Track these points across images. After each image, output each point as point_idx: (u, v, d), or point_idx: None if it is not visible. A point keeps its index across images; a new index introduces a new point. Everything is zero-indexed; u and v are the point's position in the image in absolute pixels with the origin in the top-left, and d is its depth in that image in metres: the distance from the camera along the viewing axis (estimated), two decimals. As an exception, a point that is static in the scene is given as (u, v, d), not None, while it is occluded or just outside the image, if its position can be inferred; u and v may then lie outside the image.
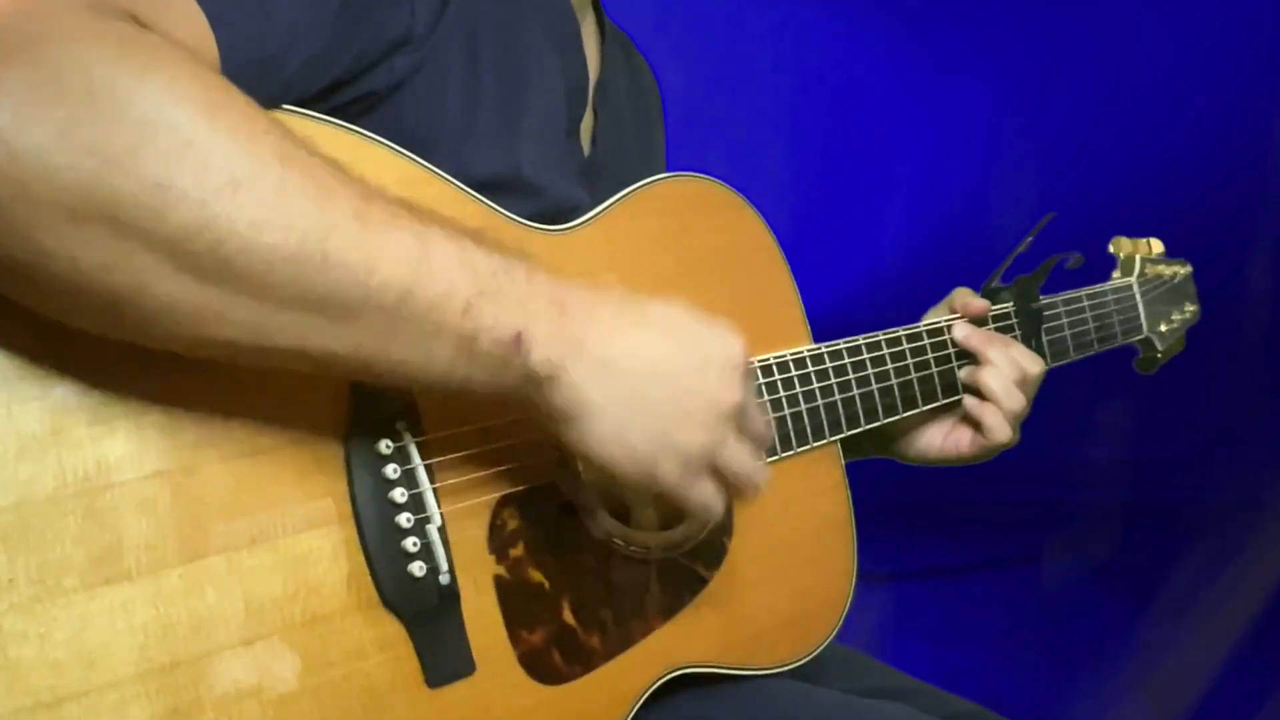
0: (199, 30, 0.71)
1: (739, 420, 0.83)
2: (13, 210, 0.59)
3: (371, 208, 0.67)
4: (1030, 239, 1.29)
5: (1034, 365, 1.21)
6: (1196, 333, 1.57)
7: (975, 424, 1.21)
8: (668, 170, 1.10)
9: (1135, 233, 1.54)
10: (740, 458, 0.84)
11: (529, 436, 0.88)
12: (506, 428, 0.86)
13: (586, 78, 1.06)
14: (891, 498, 2.98)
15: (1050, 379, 1.29)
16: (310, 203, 0.65)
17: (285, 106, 0.78)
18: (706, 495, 0.83)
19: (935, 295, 1.29)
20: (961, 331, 1.20)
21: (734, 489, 0.85)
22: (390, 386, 0.77)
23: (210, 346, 0.67)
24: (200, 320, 0.64)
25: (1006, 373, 1.19)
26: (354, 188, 0.67)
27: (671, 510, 0.89)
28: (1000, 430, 1.19)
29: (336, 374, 0.73)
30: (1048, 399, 1.29)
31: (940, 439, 1.23)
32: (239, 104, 0.64)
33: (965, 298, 1.24)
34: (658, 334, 0.80)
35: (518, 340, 0.72)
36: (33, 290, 0.63)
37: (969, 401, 1.20)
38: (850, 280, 3.74)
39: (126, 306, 0.63)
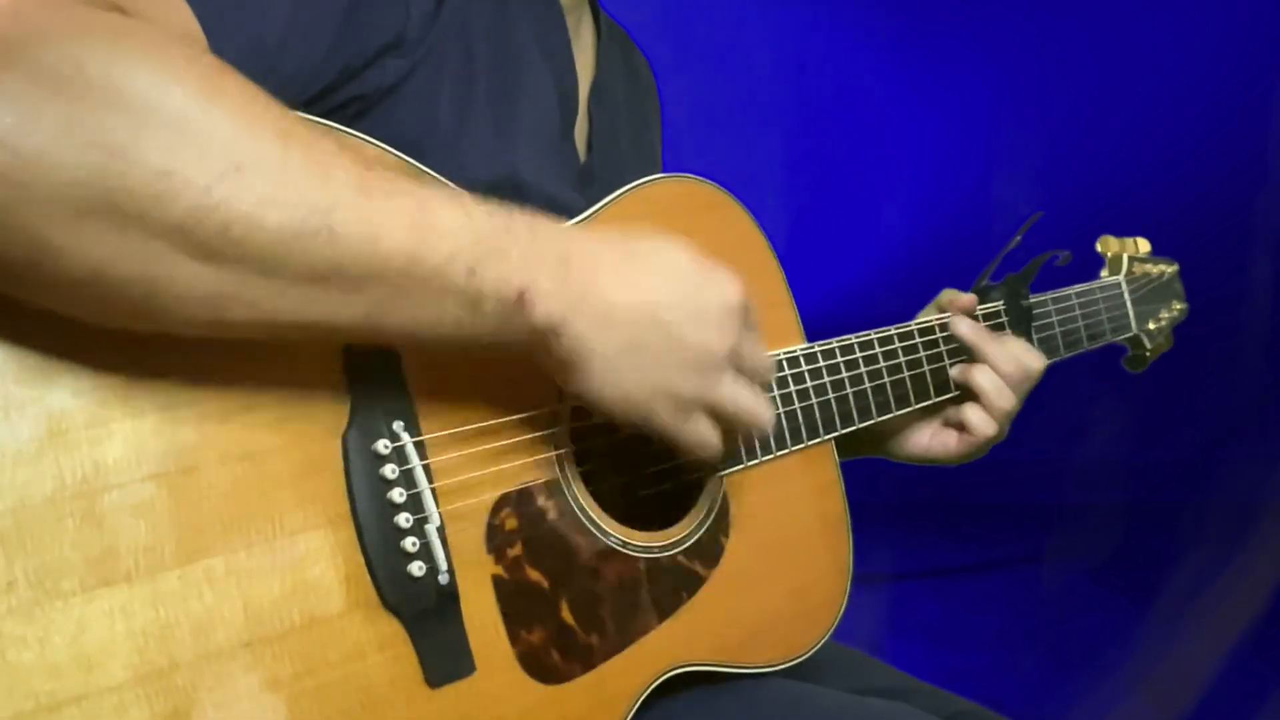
0: (192, 34, 0.71)
1: (735, 362, 0.86)
2: (20, 211, 0.59)
3: (372, 176, 0.69)
4: (1019, 237, 1.29)
5: (1036, 361, 1.22)
6: (1196, 333, 1.57)
7: (959, 423, 1.21)
8: (665, 170, 1.10)
9: (1134, 232, 1.55)
10: (736, 396, 0.87)
11: (527, 436, 0.88)
12: (505, 427, 0.87)
13: (576, 82, 1.06)
14: (891, 498, 2.98)
15: (1050, 380, 1.29)
16: (313, 178, 0.65)
17: (283, 109, 0.79)
18: (699, 433, 0.86)
19: (932, 295, 1.29)
20: (965, 327, 1.21)
21: (736, 424, 0.88)
22: (392, 346, 0.79)
23: (224, 327, 0.67)
24: (213, 303, 0.65)
25: (1004, 369, 1.19)
26: (354, 157, 0.68)
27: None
28: (984, 426, 1.19)
29: (345, 339, 0.76)
30: (1048, 400, 1.29)
31: (928, 437, 1.24)
32: (235, 84, 0.65)
33: (952, 295, 1.24)
34: (658, 281, 0.82)
35: (521, 298, 0.74)
36: (45, 288, 0.63)
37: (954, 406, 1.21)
38: (848, 279, 3.74)
39: (139, 296, 0.63)
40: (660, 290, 0.82)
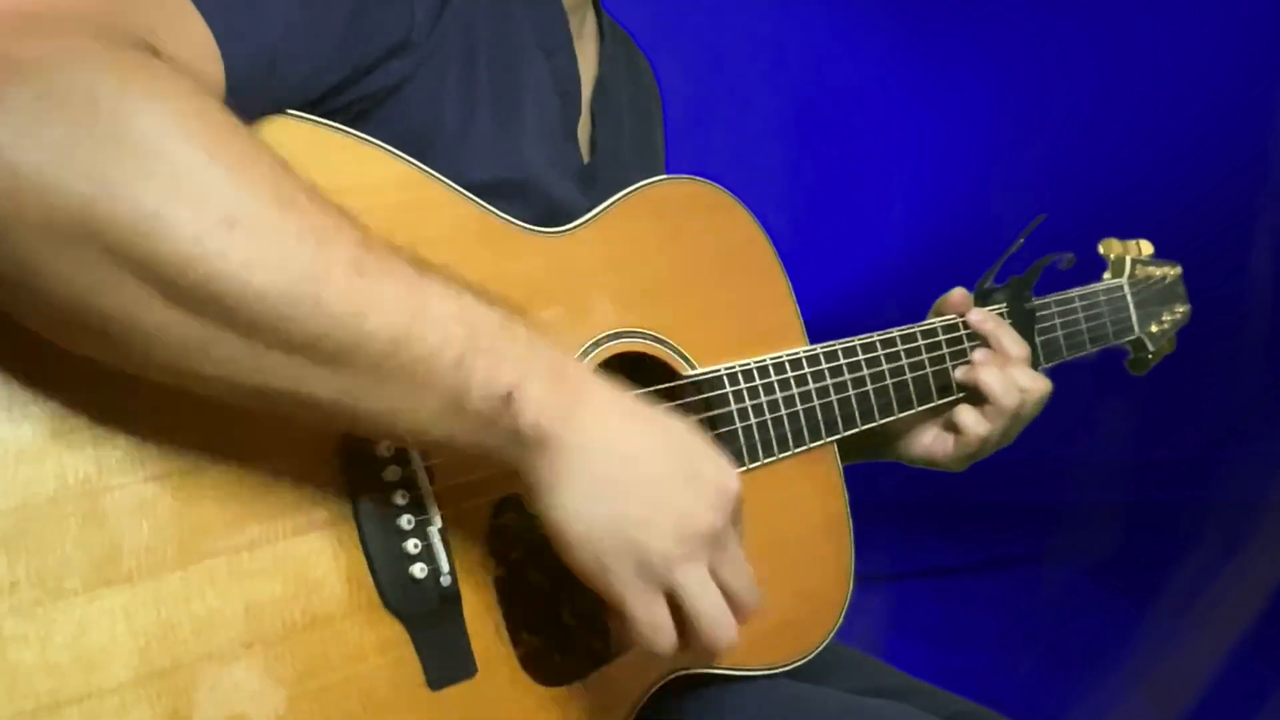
0: (205, 43, 0.71)
1: (713, 549, 0.78)
2: (8, 227, 0.59)
3: (369, 256, 0.67)
4: (1022, 239, 1.29)
5: (1043, 385, 1.21)
6: (1196, 333, 1.58)
7: (954, 425, 1.21)
8: (667, 171, 1.10)
9: (1135, 233, 1.55)
10: (705, 590, 0.78)
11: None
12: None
13: (578, 83, 1.06)
14: (891, 498, 2.98)
15: (1050, 380, 1.29)
16: (307, 247, 0.64)
17: (288, 111, 0.79)
18: (653, 615, 0.77)
19: (934, 296, 1.29)
20: (977, 316, 1.21)
21: (694, 624, 0.78)
22: (375, 438, 0.76)
23: (195, 381, 0.66)
24: (185, 352, 0.64)
25: (1015, 356, 1.19)
26: (353, 234, 0.67)
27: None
28: (976, 426, 1.19)
29: (321, 422, 0.71)
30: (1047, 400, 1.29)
31: (930, 439, 1.24)
32: (242, 140, 0.64)
33: (942, 300, 1.25)
34: (655, 434, 0.78)
35: (509, 399, 0.71)
36: (25, 308, 0.63)
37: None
38: (849, 280, 3.74)
39: (114, 332, 0.63)
40: (654, 442, 0.77)
